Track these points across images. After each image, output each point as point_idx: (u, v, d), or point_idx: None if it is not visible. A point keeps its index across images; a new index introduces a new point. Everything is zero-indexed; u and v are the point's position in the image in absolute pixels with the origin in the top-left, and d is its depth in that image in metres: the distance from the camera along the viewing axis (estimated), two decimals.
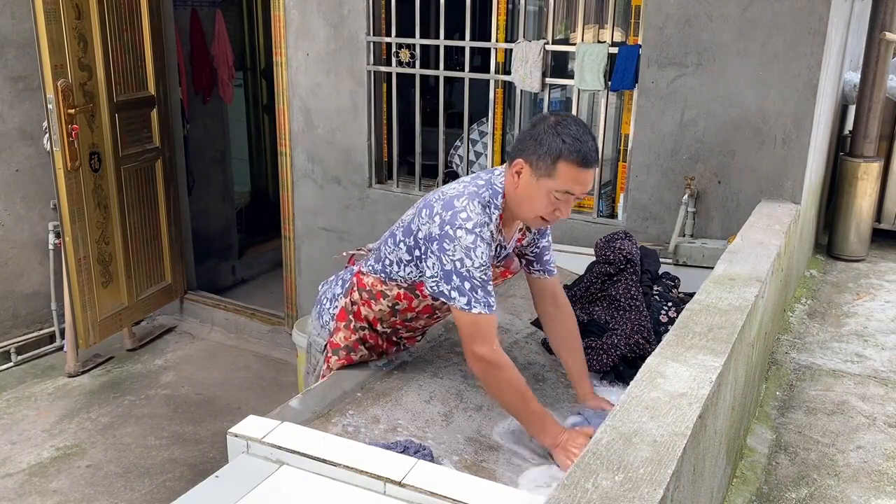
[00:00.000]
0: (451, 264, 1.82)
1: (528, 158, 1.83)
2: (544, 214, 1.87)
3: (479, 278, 1.81)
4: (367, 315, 2.11)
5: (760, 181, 3.02)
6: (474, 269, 1.81)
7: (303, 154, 4.22)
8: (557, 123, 1.81)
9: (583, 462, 1.21)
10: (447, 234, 1.82)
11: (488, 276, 1.83)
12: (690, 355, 1.60)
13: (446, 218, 1.83)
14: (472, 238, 1.80)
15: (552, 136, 1.79)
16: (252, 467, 1.59)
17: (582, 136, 1.80)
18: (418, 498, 1.45)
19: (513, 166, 1.86)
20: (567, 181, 1.80)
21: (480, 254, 1.81)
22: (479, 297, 1.81)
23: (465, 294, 1.81)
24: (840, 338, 2.89)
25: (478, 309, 1.81)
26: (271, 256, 5.77)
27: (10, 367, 4.41)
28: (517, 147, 1.87)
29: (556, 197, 1.82)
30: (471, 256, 1.80)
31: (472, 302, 1.81)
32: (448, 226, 1.82)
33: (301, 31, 4.02)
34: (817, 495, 1.94)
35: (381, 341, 2.19)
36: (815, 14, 2.79)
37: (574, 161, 1.79)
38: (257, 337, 4.86)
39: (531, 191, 1.84)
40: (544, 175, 1.81)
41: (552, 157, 1.79)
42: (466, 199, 1.85)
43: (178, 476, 3.48)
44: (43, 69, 3.72)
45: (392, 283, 2.02)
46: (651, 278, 2.61)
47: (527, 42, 3.45)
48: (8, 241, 4.41)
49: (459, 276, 1.81)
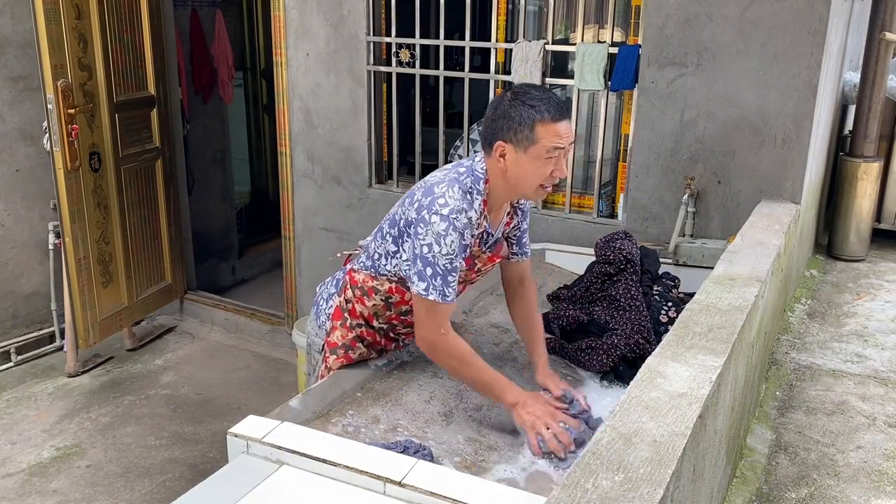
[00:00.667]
0: (419, 248, 1.85)
1: (506, 137, 1.85)
2: (543, 181, 1.89)
3: (443, 266, 1.84)
4: (361, 312, 2.13)
5: (760, 181, 3.02)
6: (441, 255, 1.84)
7: (303, 154, 4.22)
8: (516, 95, 1.86)
9: (583, 462, 1.21)
10: (423, 217, 1.85)
11: (454, 265, 1.86)
12: (690, 355, 1.60)
13: (424, 203, 1.86)
14: (445, 225, 1.82)
15: (518, 107, 1.83)
16: (252, 467, 1.59)
17: (543, 94, 1.85)
18: (418, 498, 1.45)
19: (494, 151, 1.88)
20: (550, 138, 1.83)
21: (450, 242, 1.83)
22: (437, 284, 1.84)
23: (424, 279, 1.85)
24: (840, 338, 2.89)
25: (433, 296, 1.85)
26: (271, 256, 5.77)
27: (10, 367, 4.41)
28: (489, 132, 1.89)
29: (546, 158, 1.85)
30: (440, 243, 1.83)
31: (430, 288, 1.85)
32: (425, 210, 1.85)
33: (301, 31, 4.02)
34: (817, 495, 1.94)
35: (380, 337, 2.19)
36: (815, 14, 2.79)
37: (548, 118, 1.82)
38: (257, 337, 4.86)
39: (522, 165, 1.86)
40: (528, 144, 1.83)
41: (527, 125, 1.82)
42: (446, 185, 1.87)
43: (178, 476, 3.48)
44: (43, 69, 3.72)
45: (382, 278, 2.04)
46: (651, 278, 2.61)
47: (527, 42, 3.44)
48: (8, 241, 4.41)
49: (424, 260, 1.84)
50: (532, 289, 2.21)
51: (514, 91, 1.88)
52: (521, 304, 2.20)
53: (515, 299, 2.21)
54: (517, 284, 2.20)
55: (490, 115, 1.90)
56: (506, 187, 1.92)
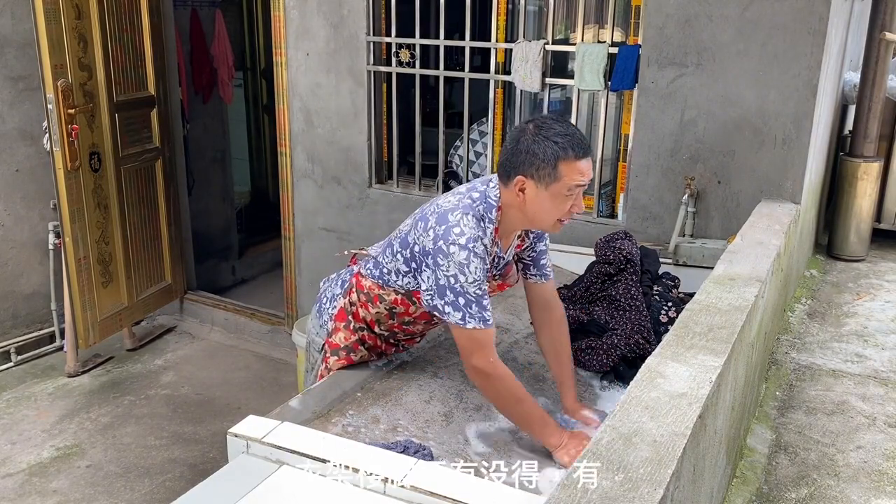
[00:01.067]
0: (444, 279, 1.81)
1: (528, 172, 1.82)
2: (561, 216, 1.87)
3: (474, 293, 1.81)
4: (364, 316, 2.12)
5: (760, 181, 3.02)
6: (468, 284, 1.81)
7: (303, 154, 4.22)
8: (539, 128, 1.81)
9: (583, 462, 1.21)
10: (441, 248, 1.81)
11: (483, 290, 1.83)
12: (690, 355, 1.60)
13: (440, 233, 1.82)
14: (466, 254, 1.80)
15: (542, 143, 1.79)
16: (252, 467, 1.59)
17: (567, 129, 1.82)
18: (418, 498, 1.45)
19: (513, 185, 1.84)
20: (572, 177, 1.80)
21: (474, 269, 1.81)
22: (473, 311, 1.81)
23: (459, 309, 1.81)
24: (840, 338, 2.89)
25: (472, 324, 1.81)
26: (271, 256, 5.76)
27: (10, 367, 4.41)
28: (510, 164, 1.85)
29: (566, 195, 1.82)
30: (464, 272, 1.80)
31: (467, 317, 1.81)
32: (441, 241, 1.81)
33: (301, 31, 4.02)
34: (817, 495, 1.94)
35: (380, 342, 2.19)
36: (815, 14, 2.79)
37: (572, 157, 1.79)
38: (257, 337, 4.86)
39: (541, 202, 1.83)
40: (550, 182, 1.80)
41: (551, 162, 1.79)
42: (460, 213, 1.84)
43: (178, 476, 3.48)
44: (43, 69, 3.72)
45: (389, 289, 2.02)
46: (651, 278, 2.61)
47: (527, 42, 3.44)
48: (8, 241, 4.41)
49: (453, 291, 1.81)
50: (561, 318, 2.14)
51: (536, 125, 1.83)
52: (547, 331, 2.12)
53: (542, 325, 2.14)
54: (542, 309, 2.13)
55: (511, 146, 1.85)
56: (521, 219, 1.90)
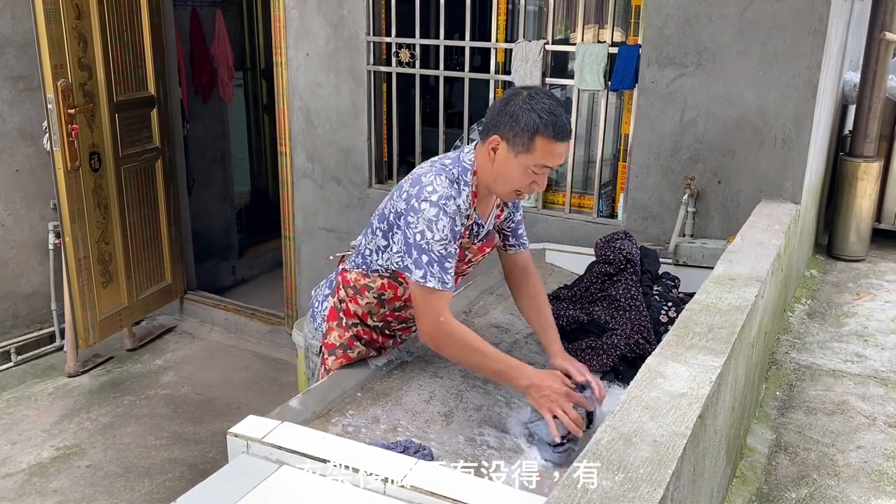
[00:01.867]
0: (412, 237, 1.84)
1: (505, 135, 1.84)
2: (520, 188, 1.90)
3: (438, 252, 1.83)
4: (355, 311, 2.13)
5: (760, 181, 3.02)
6: (434, 241, 1.82)
7: (303, 154, 4.22)
8: (531, 98, 1.83)
9: (583, 462, 1.21)
10: (412, 206, 1.84)
11: (449, 251, 1.85)
12: (690, 355, 1.60)
13: (413, 192, 1.86)
14: (436, 210, 1.82)
15: (527, 112, 1.81)
16: (252, 467, 1.59)
17: (556, 109, 1.83)
18: (418, 498, 1.45)
19: (488, 143, 1.87)
20: (545, 155, 1.83)
21: (442, 227, 1.82)
22: (434, 271, 1.83)
23: (421, 267, 1.83)
24: (840, 338, 2.89)
25: (432, 283, 1.83)
26: (271, 256, 5.77)
27: (10, 367, 4.41)
28: (491, 123, 1.88)
29: (533, 171, 1.85)
30: (432, 229, 1.82)
31: (428, 276, 1.83)
32: (413, 199, 1.85)
33: (301, 31, 4.02)
34: (817, 495, 1.94)
35: (376, 335, 2.19)
36: (815, 14, 2.79)
37: (551, 135, 1.81)
38: (257, 337, 4.86)
39: (508, 167, 1.86)
40: (522, 151, 1.83)
41: (529, 132, 1.81)
42: (433, 174, 1.88)
43: (178, 476, 3.48)
44: (43, 69, 3.72)
45: (374, 275, 2.04)
46: (651, 278, 2.61)
47: (527, 42, 3.45)
48: (8, 241, 4.41)
49: (419, 248, 1.83)
50: (537, 278, 2.19)
51: (529, 94, 1.85)
52: (527, 293, 2.17)
53: (521, 290, 2.18)
54: (521, 276, 2.18)
55: (499, 106, 1.88)
56: (486, 179, 1.92)
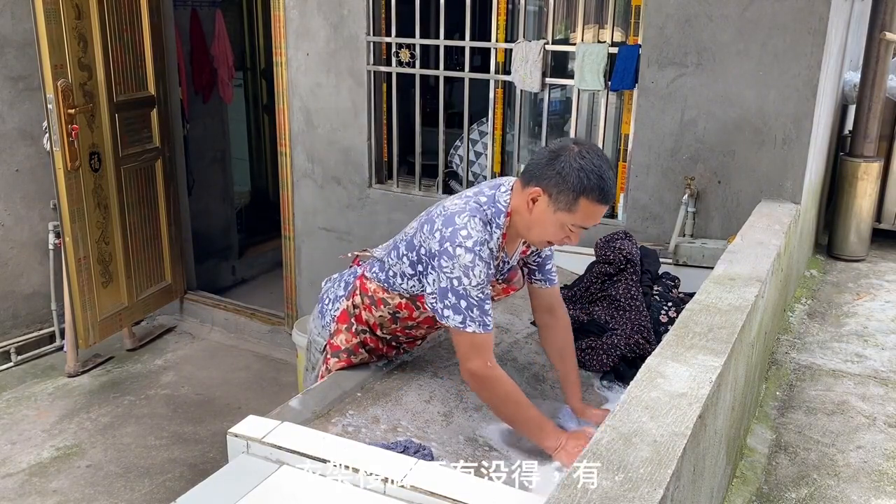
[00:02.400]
0: (447, 282, 1.81)
1: (549, 190, 1.80)
2: (553, 241, 1.87)
3: (476, 297, 1.80)
4: (367, 319, 2.11)
5: (760, 181, 3.02)
6: (472, 287, 1.80)
7: (303, 154, 4.21)
8: (581, 156, 1.78)
9: (583, 462, 1.21)
10: (446, 250, 1.80)
11: (486, 294, 1.82)
12: (690, 355, 1.60)
13: (446, 234, 1.81)
14: (471, 257, 1.79)
15: (577, 172, 1.76)
16: (252, 467, 1.59)
17: (605, 172, 1.79)
18: (418, 498, 1.45)
19: (529, 192, 1.83)
20: (585, 217, 1.80)
21: (479, 272, 1.80)
22: (474, 315, 1.80)
23: (460, 312, 1.80)
24: (840, 338, 2.89)
25: (472, 328, 1.80)
26: (271, 256, 5.76)
27: (10, 367, 4.41)
28: (536, 173, 1.83)
29: (570, 228, 1.82)
30: (469, 275, 1.79)
31: (468, 321, 1.80)
32: (448, 243, 1.80)
33: (301, 31, 4.02)
34: (817, 495, 1.94)
35: (382, 345, 2.18)
36: (815, 14, 2.79)
37: (595, 199, 1.78)
38: (257, 337, 4.86)
39: (545, 220, 1.83)
40: (563, 209, 1.79)
41: (575, 193, 1.77)
42: (468, 215, 1.83)
43: (178, 476, 3.48)
44: (43, 69, 3.72)
45: (394, 293, 2.02)
46: (651, 278, 2.61)
47: (527, 42, 3.44)
48: (8, 241, 4.41)
49: (456, 293, 1.80)
50: (565, 321, 2.14)
51: (581, 152, 1.80)
52: (553, 333, 2.13)
53: (547, 329, 2.14)
54: (547, 314, 2.13)
55: (547, 158, 1.83)
56: (520, 225, 1.89)
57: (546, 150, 1.86)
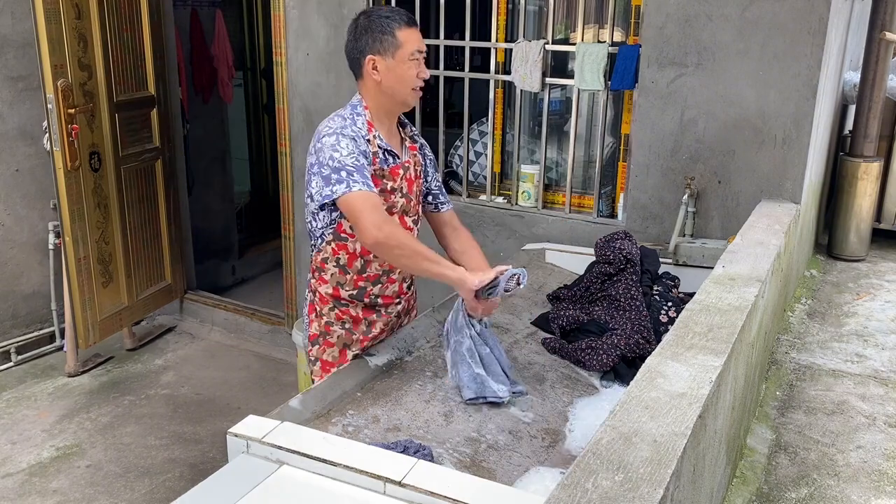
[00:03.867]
0: (324, 164, 1.98)
1: (373, 49, 2.05)
2: (413, 84, 2.08)
3: (353, 163, 1.97)
4: (326, 292, 2.19)
5: (760, 181, 3.02)
6: (344, 157, 1.97)
7: (303, 154, 4.21)
8: (368, 14, 2.07)
9: (583, 462, 1.21)
10: (316, 147, 2.03)
11: (361, 162, 1.99)
12: (690, 355, 1.60)
13: (314, 140, 2.06)
14: (334, 137, 1.99)
15: (376, 20, 2.04)
16: (252, 467, 1.59)
17: (392, 8, 2.09)
18: (418, 498, 1.45)
19: (366, 67, 2.06)
20: (411, 42, 2.05)
21: (346, 145, 1.99)
22: (356, 178, 1.96)
23: (342, 181, 1.95)
24: (840, 338, 2.89)
25: (357, 186, 1.95)
26: (271, 256, 5.77)
27: (10, 367, 4.41)
28: (356, 53, 2.08)
29: (412, 60, 2.05)
30: (337, 149, 1.98)
31: (352, 182, 1.95)
32: (316, 141, 2.04)
33: (301, 31, 4.02)
34: (817, 495, 1.94)
35: (356, 311, 2.21)
36: (815, 14, 2.79)
37: (405, 24, 2.05)
38: (257, 337, 4.86)
39: (394, 71, 2.05)
40: (395, 49, 2.04)
41: (388, 33, 2.03)
42: (327, 120, 2.08)
43: (178, 476, 3.48)
44: (43, 69, 3.72)
45: (323, 245, 2.13)
46: (651, 278, 2.61)
47: (527, 42, 3.45)
48: (8, 241, 4.41)
49: (333, 169, 1.97)
50: (467, 233, 2.34)
51: (364, 12, 2.08)
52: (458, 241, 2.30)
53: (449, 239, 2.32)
54: (452, 230, 2.32)
55: (351, 38, 2.09)
56: (384, 99, 2.09)
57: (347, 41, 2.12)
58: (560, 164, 3.77)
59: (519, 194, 3.67)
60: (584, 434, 1.90)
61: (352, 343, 2.23)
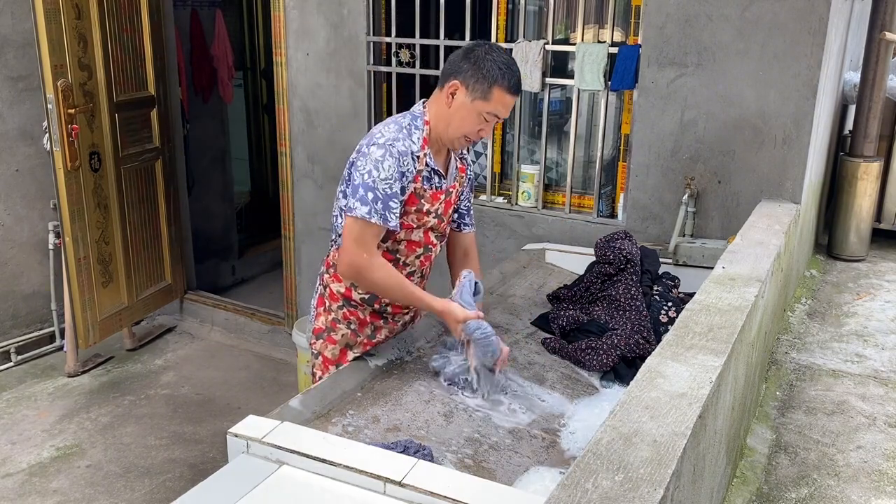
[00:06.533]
0: (359, 178, 1.95)
1: (465, 81, 1.98)
2: (470, 134, 2.04)
3: (383, 191, 1.94)
4: (338, 290, 2.19)
5: (760, 181, 3.02)
6: (380, 180, 1.93)
7: (303, 154, 4.21)
8: (491, 51, 1.98)
9: (583, 462, 1.21)
10: (362, 152, 1.99)
11: (394, 190, 1.95)
12: (690, 355, 1.60)
13: (364, 142, 2.01)
14: (382, 152, 1.94)
15: (490, 63, 1.96)
16: (252, 467, 1.59)
17: (513, 65, 2.00)
18: (418, 498, 1.45)
19: (447, 88, 2.00)
20: (498, 105, 1.99)
21: (388, 166, 1.94)
22: (378, 208, 1.94)
23: (366, 204, 1.94)
24: (840, 338, 2.89)
25: (374, 219, 1.94)
26: (271, 256, 5.77)
27: (10, 367, 4.41)
28: (453, 70, 2.01)
29: (485, 118, 2.01)
30: (378, 168, 1.93)
31: (372, 212, 1.93)
32: (364, 146, 1.99)
33: (301, 31, 4.02)
34: (817, 495, 1.94)
35: (363, 315, 2.21)
36: (815, 14, 2.79)
37: (507, 88, 1.97)
38: (257, 337, 4.86)
39: (463, 111, 2.00)
40: (479, 97, 1.98)
41: (489, 81, 1.96)
42: (383, 125, 2.03)
43: (178, 476, 3.48)
44: (43, 69, 3.72)
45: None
46: (651, 278, 2.61)
47: (527, 42, 3.44)
48: (8, 241, 4.41)
49: (365, 186, 1.94)
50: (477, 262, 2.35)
51: (489, 48, 1.99)
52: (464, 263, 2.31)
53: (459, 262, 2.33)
54: (462, 256, 2.31)
55: (461, 55, 2.01)
56: (441, 124, 2.04)
57: (455, 54, 2.03)
58: (560, 164, 3.77)
59: (519, 194, 3.67)
60: (584, 434, 1.90)
61: (354, 345, 2.23)
